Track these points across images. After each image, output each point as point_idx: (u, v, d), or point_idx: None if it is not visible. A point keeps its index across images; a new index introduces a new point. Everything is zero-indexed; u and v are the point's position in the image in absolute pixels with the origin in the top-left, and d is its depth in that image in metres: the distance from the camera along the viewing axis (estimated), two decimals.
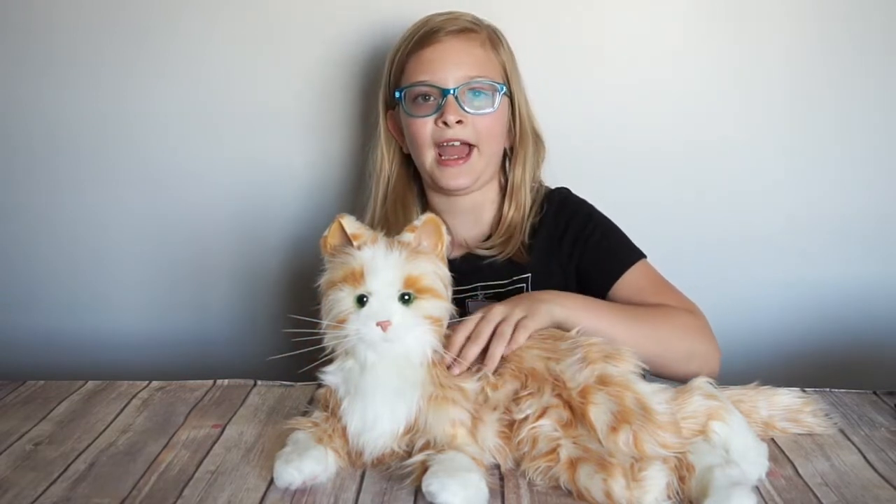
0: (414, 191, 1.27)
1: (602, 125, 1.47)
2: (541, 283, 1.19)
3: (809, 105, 1.46)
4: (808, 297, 1.51)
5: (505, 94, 1.20)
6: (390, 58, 1.23)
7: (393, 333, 0.83)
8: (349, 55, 1.46)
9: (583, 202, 1.25)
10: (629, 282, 1.14)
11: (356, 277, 0.84)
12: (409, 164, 1.27)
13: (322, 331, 0.86)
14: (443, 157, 1.18)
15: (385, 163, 1.26)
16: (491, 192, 1.26)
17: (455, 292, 0.91)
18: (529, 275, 1.20)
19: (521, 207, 1.22)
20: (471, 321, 0.93)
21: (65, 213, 1.54)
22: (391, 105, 1.24)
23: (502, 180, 1.27)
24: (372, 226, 1.19)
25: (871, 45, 1.44)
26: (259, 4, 1.46)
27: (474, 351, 0.90)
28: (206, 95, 1.49)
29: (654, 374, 1.03)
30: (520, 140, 1.24)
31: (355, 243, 0.86)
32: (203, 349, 1.57)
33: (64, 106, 1.50)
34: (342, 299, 0.84)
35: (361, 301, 0.83)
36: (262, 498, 0.82)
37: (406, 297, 0.84)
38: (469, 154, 1.18)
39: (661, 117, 1.47)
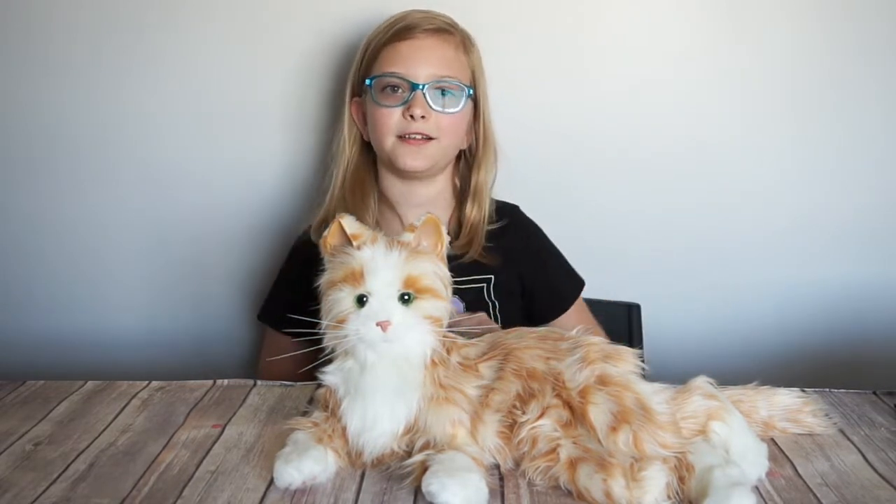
0: (372, 178, 1.30)
1: (602, 126, 1.47)
2: (501, 287, 1.25)
3: (810, 105, 1.47)
4: (808, 297, 1.52)
5: (470, 96, 1.24)
6: (364, 46, 1.27)
7: (393, 333, 0.82)
8: (351, 55, 1.46)
9: (534, 223, 1.32)
10: (570, 316, 1.29)
11: (356, 277, 0.83)
12: (368, 151, 1.30)
13: (322, 331, 0.86)
14: (405, 138, 1.21)
15: (346, 147, 1.29)
16: (445, 191, 1.30)
17: None
18: (492, 276, 1.25)
19: (483, 209, 1.26)
20: None
21: (65, 213, 1.54)
22: (358, 92, 1.28)
23: (457, 182, 1.31)
24: (330, 209, 1.25)
25: (872, 45, 1.44)
26: (258, 4, 1.46)
27: None
28: (207, 96, 1.49)
29: None
30: (484, 144, 1.28)
31: (355, 243, 0.86)
32: (203, 349, 1.57)
33: (64, 106, 1.50)
34: (342, 299, 0.84)
35: (361, 301, 0.83)
36: (262, 498, 0.82)
37: (406, 298, 0.84)
38: (428, 142, 1.22)
39: (662, 118, 1.47)
